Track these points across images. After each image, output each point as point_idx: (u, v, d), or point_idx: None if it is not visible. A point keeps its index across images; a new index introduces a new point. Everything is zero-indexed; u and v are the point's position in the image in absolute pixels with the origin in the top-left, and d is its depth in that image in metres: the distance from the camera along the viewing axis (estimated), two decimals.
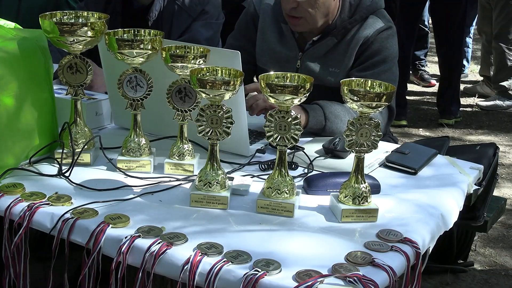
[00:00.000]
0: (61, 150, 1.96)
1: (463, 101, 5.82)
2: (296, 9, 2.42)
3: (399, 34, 2.70)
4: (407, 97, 5.51)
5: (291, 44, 2.57)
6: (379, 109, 1.71)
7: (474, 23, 6.31)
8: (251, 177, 1.96)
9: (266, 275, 1.45)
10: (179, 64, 1.86)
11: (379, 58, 2.47)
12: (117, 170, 1.96)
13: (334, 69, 2.51)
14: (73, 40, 1.90)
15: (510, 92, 5.74)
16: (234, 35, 2.72)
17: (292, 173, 1.93)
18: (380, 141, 1.75)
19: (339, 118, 2.32)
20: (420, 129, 5.30)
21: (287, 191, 1.76)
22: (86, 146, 1.99)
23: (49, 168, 1.95)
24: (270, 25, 2.59)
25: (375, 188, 1.89)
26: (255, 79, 2.76)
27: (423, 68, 6.42)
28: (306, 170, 2.04)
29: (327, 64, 2.52)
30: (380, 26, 2.49)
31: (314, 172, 2.02)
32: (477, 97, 6.03)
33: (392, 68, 2.51)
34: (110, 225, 1.63)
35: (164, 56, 1.87)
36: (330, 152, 2.16)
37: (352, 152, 1.76)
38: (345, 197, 1.76)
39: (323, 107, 2.32)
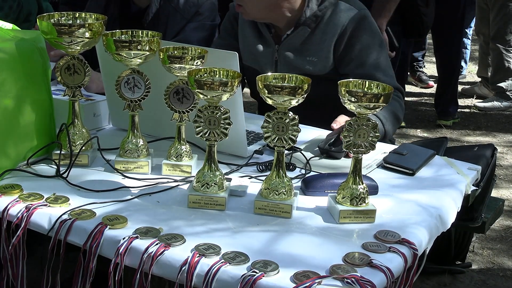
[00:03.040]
0: (59, 151, 1.96)
1: (461, 102, 5.82)
2: None
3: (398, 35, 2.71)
4: (405, 98, 5.51)
5: (267, 40, 2.61)
6: (377, 110, 1.71)
7: (472, 24, 6.32)
8: (249, 178, 1.96)
9: (264, 276, 1.45)
10: (177, 65, 1.86)
11: (371, 50, 2.50)
12: (115, 171, 1.96)
13: (312, 58, 2.53)
14: (71, 41, 1.90)
15: (508, 93, 5.75)
16: (220, 35, 2.78)
17: (290, 174, 1.93)
18: (377, 142, 1.76)
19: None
20: (418, 130, 5.31)
21: (285, 192, 1.76)
22: (84, 147, 1.99)
23: (47, 169, 1.95)
24: (249, 23, 2.64)
25: (373, 189, 1.89)
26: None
27: (421, 70, 6.43)
28: (303, 171, 2.04)
29: (304, 54, 2.55)
30: (354, 13, 2.49)
31: (312, 173, 2.02)
32: (475, 98, 6.03)
33: (384, 49, 2.56)
34: (108, 226, 1.63)
35: (161, 57, 1.87)
36: (325, 152, 2.16)
37: (350, 152, 1.77)
38: (343, 198, 1.76)
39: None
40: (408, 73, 6.05)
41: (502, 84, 5.73)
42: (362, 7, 2.54)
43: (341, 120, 2.19)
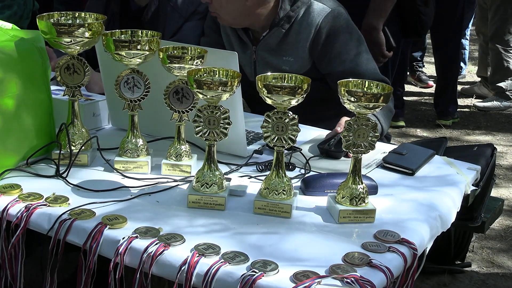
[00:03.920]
0: (58, 151, 1.96)
1: (461, 102, 5.82)
2: (210, 5, 2.51)
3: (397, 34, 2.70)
4: (405, 98, 5.52)
5: (245, 41, 2.62)
6: (377, 109, 1.71)
7: (471, 24, 6.32)
8: (249, 178, 1.96)
9: (263, 276, 1.45)
10: (176, 65, 1.86)
11: (350, 47, 2.49)
12: (115, 171, 1.96)
13: (288, 58, 2.54)
14: (70, 41, 1.90)
15: (507, 93, 5.75)
16: (205, 33, 2.78)
17: (289, 174, 1.93)
18: (377, 142, 1.76)
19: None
20: (418, 130, 5.31)
21: (285, 192, 1.76)
22: (83, 147, 1.99)
23: (46, 169, 1.95)
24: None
25: (373, 189, 1.89)
26: None
27: (420, 69, 6.43)
28: (303, 171, 2.04)
29: (280, 54, 2.56)
30: (327, 12, 2.49)
31: (311, 173, 2.02)
32: (475, 98, 6.03)
33: (363, 43, 2.54)
34: (108, 226, 1.63)
35: (161, 57, 1.87)
36: (325, 152, 2.16)
37: (349, 152, 1.77)
38: (343, 197, 1.76)
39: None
40: (408, 73, 6.06)
41: (501, 84, 5.73)
42: (336, 5, 2.53)
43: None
